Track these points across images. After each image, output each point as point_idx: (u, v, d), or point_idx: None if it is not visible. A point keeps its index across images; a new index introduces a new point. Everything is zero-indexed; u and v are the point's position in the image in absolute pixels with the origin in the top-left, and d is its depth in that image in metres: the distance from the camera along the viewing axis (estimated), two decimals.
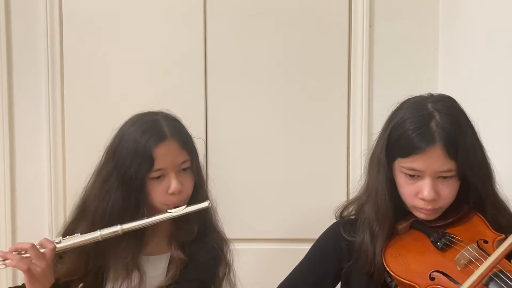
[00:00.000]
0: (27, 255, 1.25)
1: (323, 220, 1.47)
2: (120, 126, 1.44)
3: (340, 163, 2.13)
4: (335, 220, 1.44)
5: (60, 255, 1.42)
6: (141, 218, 1.36)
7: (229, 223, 1.55)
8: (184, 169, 1.40)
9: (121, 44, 2.13)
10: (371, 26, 2.09)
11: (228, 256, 1.50)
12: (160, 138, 1.36)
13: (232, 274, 1.50)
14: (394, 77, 2.10)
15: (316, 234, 1.46)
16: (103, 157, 1.44)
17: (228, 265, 1.49)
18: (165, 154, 1.36)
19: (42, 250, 1.27)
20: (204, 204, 1.38)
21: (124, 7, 2.12)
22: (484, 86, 1.77)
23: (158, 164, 1.35)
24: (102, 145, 1.46)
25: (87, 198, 1.45)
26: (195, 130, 1.50)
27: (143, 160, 1.35)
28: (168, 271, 1.41)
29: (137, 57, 2.13)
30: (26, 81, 2.16)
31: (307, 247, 1.45)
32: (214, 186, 1.53)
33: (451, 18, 2.04)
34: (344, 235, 1.35)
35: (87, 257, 1.41)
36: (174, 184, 1.36)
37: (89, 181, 1.46)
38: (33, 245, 1.26)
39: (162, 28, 2.12)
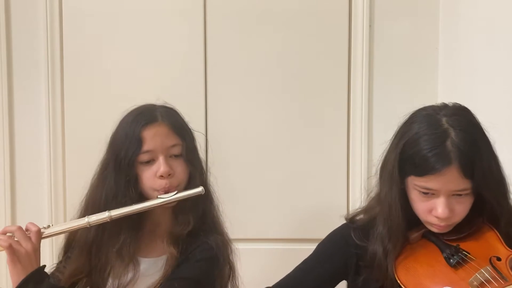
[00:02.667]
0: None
1: (323, 220, 1.47)
2: None
3: (340, 160, 2.13)
4: (336, 220, 1.43)
5: (68, 256, 1.43)
6: (130, 204, 1.34)
7: (226, 222, 1.54)
8: (176, 156, 1.38)
9: (121, 43, 2.13)
10: (371, 26, 2.09)
11: (231, 258, 1.47)
12: (150, 120, 1.36)
13: (236, 277, 1.48)
14: (394, 77, 2.10)
15: (317, 234, 1.46)
16: (105, 151, 1.45)
17: (231, 268, 1.46)
18: (154, 135, 1.35)
19: (28, 233, 1.30)
20: (197, 190, 1.35)
21: (124, 7, 2.12)
22: (484, 86, 1.77)
23: (146, 145, 1.34)
24: (102, 144, 1.46)
25: (90, 191, 1.45)
26: (195, 129, 1.49)
27: (132, 141, 1.34)
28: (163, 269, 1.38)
29: (137, 56, 2.13)
30: (26, 81, 2.16)
31: (306, 247, 1.45)
32: (217, 185, 1.52)
33: (451, 18, 2.03)
34: (355, 239, 1.34)
35: (89, 254, 1.40)
36: (162, 166, 1.33)
37: (92, 178, 1.46)
38: (20, 227, 1.30)
39: (162, 28, 2.12)
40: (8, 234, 1.29)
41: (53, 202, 2.16)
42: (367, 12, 2.08)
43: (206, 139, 2.11)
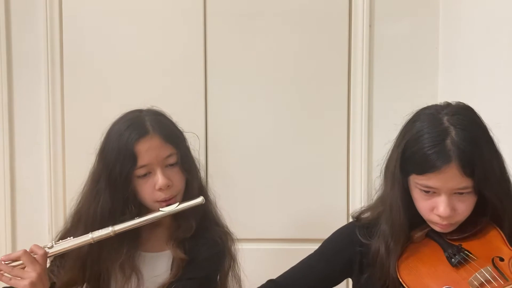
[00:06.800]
0: (20, 262, 1.25)
1: (323, 220, 1.47)
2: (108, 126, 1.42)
3: (340, 160, 2.13)
4: (336, 220, 1.44)
5: (61, 265, 1.42)
6: (132, 218, 1.33)
7: (227, 223, 1.54)
8: (172, 165, 1.36)
9: (121, 44, 2.13)
10: (371, 26, 2.09)
11: (233, 249, 1.47)
12: (142, 133, 1.33)
13: (236, 267, 1.48)
14: (394, 77, 2.10)
15: (316, 234, 1.46)
16: (95, 160, 1.42)
17: (232, 258, 1.47)
18: (148, 149, 1.32)
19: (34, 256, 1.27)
20: (197, 200, 1.35)
21: (124, 7, 2.12)
22: (484, 86, 1.77)
23: (141, 160, 1.32)
24: None
25: (81, 204, 1.43)
26: (195, 129, 1.49)
27: (126, 157, 1.32)
28: (171, 269, 1.39)
29: (137, 57, 2.13)
30: (26, 80, 2.16)
31: (306, 247, 1.45)
32: (214, 184, 1.52)
33: (451, 18, 2.04)
34: (359, 237, 1.34)
35: (83, 264, 1.39)
36: (160, 179, 1.33)
37: (83, 187, 1.44)
38: (25, 252, 1.26)
39: (162, 28, 2.12)
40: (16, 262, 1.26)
41: (53, 202, 2.16)
42: (367, 12, 2.08)
43: (206, 139, 2.12)
